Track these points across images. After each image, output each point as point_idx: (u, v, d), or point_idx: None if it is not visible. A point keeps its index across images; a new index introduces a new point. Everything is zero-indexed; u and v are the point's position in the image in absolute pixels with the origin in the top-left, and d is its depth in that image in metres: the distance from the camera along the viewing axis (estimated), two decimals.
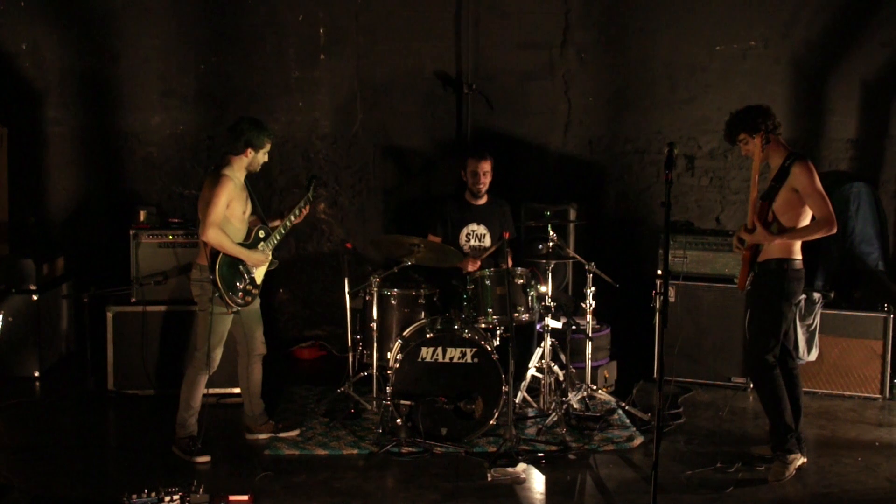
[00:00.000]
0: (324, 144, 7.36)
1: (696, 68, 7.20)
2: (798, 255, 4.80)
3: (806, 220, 4.75)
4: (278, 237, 5.20)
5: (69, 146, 7.25)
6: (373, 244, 6.43)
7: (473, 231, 6.27)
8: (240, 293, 5.00)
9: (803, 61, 7.12)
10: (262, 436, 5.32)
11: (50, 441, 5.32)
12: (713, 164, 7.25)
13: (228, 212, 4.93)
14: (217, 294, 4.90)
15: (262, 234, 5.14)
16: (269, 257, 5.19)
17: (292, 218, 5.26)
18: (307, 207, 5.35)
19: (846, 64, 7.09)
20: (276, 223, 5.27)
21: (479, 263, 6.04)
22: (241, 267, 5.02)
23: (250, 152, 5.01)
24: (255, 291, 5.11)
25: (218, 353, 5.09)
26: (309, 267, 7.43)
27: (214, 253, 4.88)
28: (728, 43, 7.15)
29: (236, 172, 5.01)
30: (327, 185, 7.27)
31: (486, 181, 6.19)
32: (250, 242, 5.07)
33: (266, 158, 5.12)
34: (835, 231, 4.69)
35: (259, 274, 5.15)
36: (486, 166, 6.17)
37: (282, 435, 5.32)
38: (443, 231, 6.23)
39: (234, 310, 5.01)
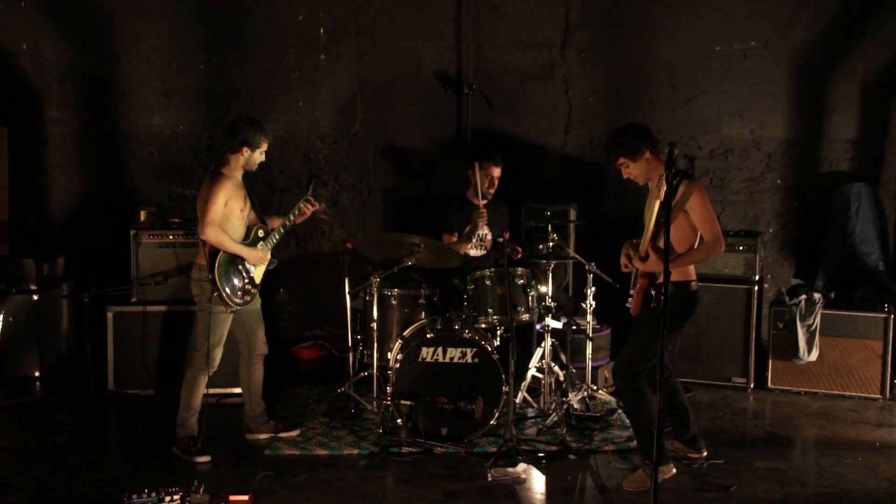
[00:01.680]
0: (324, 144, 7.36)
1: (697, 68, 7.19)
2: (693, 276, 4.66)
3: (689, 242, 4.58)
4: (277, 236, 5.21)
5: (69, 146, 7.24)
6: (373, 244, 6.43)
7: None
8: (238, 292, 5.02)
9: (803, 61, 7.12)
10: (263, 436, 5.32)
11: (50, 441, 5.32)
12: (713, 164, 7.25)
13: (227, 210, 4.96)
14: (216, 293, 4.90)
15: (261, 233, 5.15)
16: (269, 256, 5.20)
17: (291, 217, 5.25)
18: (308, 207, 5.32)
19: (846, 64, 7.08)
20: (277, 222, 5.27)
21: (485, 216, 6.07)
22: (240, 266, 5.04)
23: (246, 151, 5.02)
24: (253, 291, 5.12)
25: (218, 353, 5.10)
26: (309, 267, 7.43)
27: (213, 252, 4.90)
28: (728, 43, 7.14)
29: (234, 171, 5.04)
30: (327, 184, 7.26)
31: (496, 185, 6.25)
32: (250, 241, 5.09)
33: (263, 158, 5.13)
34: (722, 250, 4.55)
35: (258, 273, 5.16)
36: (499, 171, 6.23)
37: (282, 435, 5.32)
38: (457, 228, 6.23)
39: (234, 309, 5.02)
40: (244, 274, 5.06)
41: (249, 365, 5.32)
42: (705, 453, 4.98)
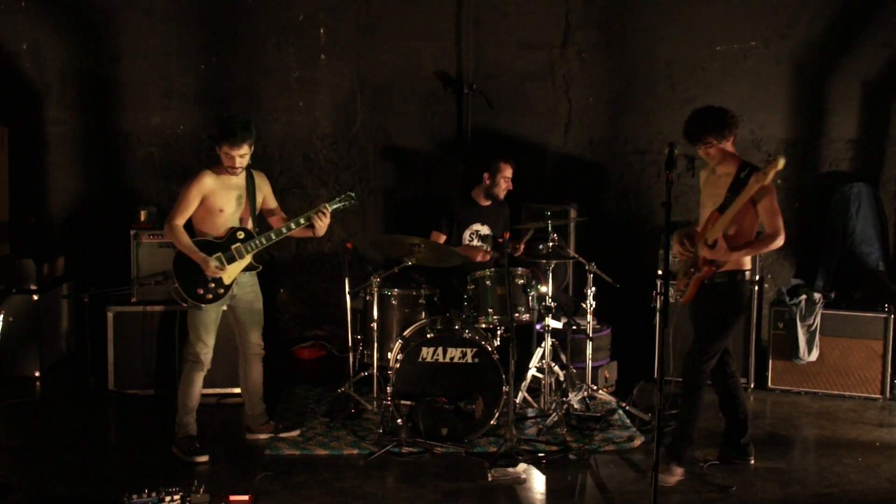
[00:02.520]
0: (324, 144, 7.36)
1: (697, 68, 7.19)
2: (748, 266, 4.72)
3: (750, 234, 4.63)
4: (264, 241, 5.02)
5: (69, 146, 7.24)
6: (373, 244, 6.43)
7: (477, 231, 6.28)
8: (200, 289, 4.93)
9: (804, 61, 7.12)
10: (263, 436, 5.32)
11: (50, 441, 5.32)
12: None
13: (204, 208, 4.93)
14: (175, 287, 4.90)
15: (241, 235, 5.01)
16: (242, 258, 5.00)
17: (292, 225, 5.05)
18: (321, 218, 5.03)
19: (847, 64, 7.08)
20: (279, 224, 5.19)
21: (490, 255, 6.05)
22: (198, 266, 4.93)
23: (224, 149, 4.90)
24: (220, 291, 4.98)
25: (203, 348, 5.04)
26: (309, 267, 7.43)
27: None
28: (729, 43, 7.14)
29: (223, 169, 4.97)
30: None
31: (511, 186, 6.28)
32: (223, 241, 4.97)
33: (237, 162, 4.91)
34: (782, 244, 4.58)
35: (228, 274, 4.98)
36: (511, 172, 6.25)
37: (282, 435, 5.32)
38: (448, 229, 6.23)
39: (200, 307, 4.95)
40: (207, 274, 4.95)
41: (245, 365, 5.30)
42: (753, 460, 4.95)
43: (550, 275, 5.79)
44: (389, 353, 5.58)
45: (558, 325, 5.80)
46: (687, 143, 4.74)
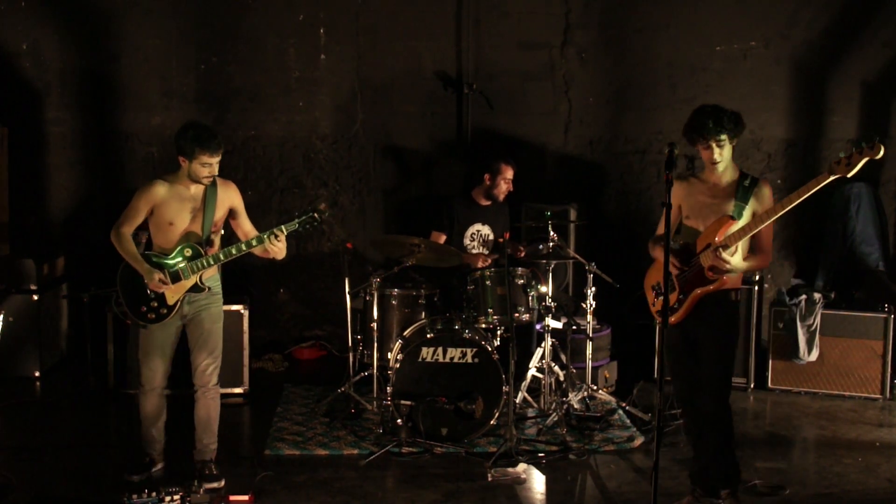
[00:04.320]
0: (324, 144, 7.36)
1: (697, 68, 7.19)
2: (739, 285, 4.33)
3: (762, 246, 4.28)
4: (211, 262, 4.55)
5: (69, 146, 7.24)
6: (373, 244, 6.43)
7: (478, 231, 6.28)
8: (142, 307, 4.57)
9: (804, 62, 7.12)
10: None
11: (50, 441, 5.31)
12: None
13: (154, 218, 4.59)
14: (119, 303, 4.61)
15: (188, 252, 4.56)
16: (187, 279, 4.56)
17: (243, 247, 4.53)
18: (274, 242, 4.48)
19: (846, 64, 7.08)
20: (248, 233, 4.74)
21: (489, 260, 6.05)
22: (143, 280, 4.57)
23: (183, 160, 4.51)
24: (163, 311, 4.57)
25: (148, 372, 4.66)
26: (309, 267, 7.43)
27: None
28: (728, 43, 7.14)
29: (178, 179, 4.56)
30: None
31: (512, 188, 6.27)
32: (169, 257, 4.57)
33: (206, 171, 4.49)
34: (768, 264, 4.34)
35: (171, 294, 4.57)
36: (512, 173, 6.23)
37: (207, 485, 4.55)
38: (448, 229, 6.23)
39: (144, 325, 4.60)
40: (149, 291, 4.57)
41: (195, 395, 4.72)
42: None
43: (550, 275, 5.79)
44: (389, 353, 5.58)
45: (558, 325, 5.80)
46: (698, 140, 4.16)
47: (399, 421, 5.16)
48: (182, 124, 4.60)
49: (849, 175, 3.93)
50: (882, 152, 3.86)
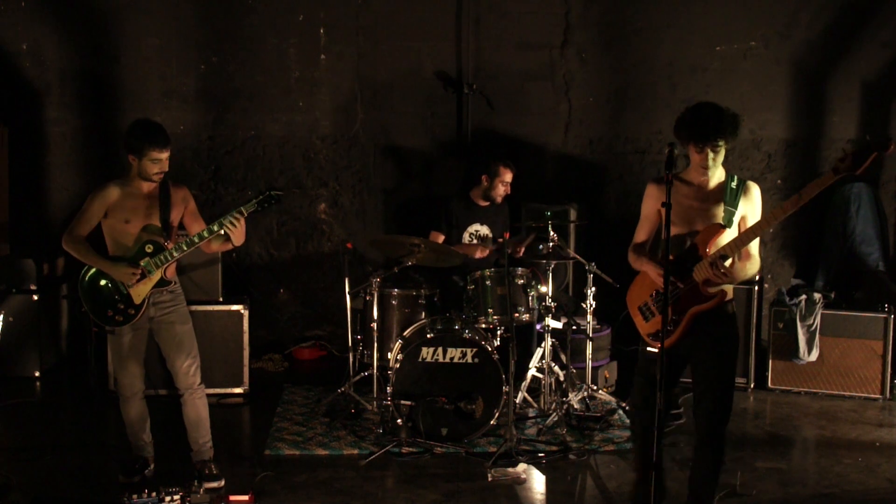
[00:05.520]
0: (324, 144, 7.36)
1: (697, 68, 7.20)
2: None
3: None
4: (175, 254, 4.50)
5: (69, 146, 7.24)
6: (373, 244, 6.43)
7: (477, 231, 6.28)
8: (109, 311, 4.50)
9: (804, 62, 7.12)
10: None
11: (50, 441, 5.32)
12: None
13: (108, 221, 4.53)
14: (83, 310, 4.51)
15: (149, 248, 4.50)
16: (151, 274, 4.51)
17: (205, 234, 4.48)
18: (233, 223, 4.42)
19: (846, 64, 7.09)
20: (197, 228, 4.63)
21: (487, 252, 6.05)
22: (110, 283, 4.52)
23: (133, 159, 4.45)
24: (131, 311, 4.51)
25: (126, 377, 4.65)
26: (309, 267, 7.43)
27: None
28: (729, 43, 7.15)
29: (130, 180, 4.50)
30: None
31: (510, 190, 6.27)
32: (132, 255, 4.51)
33: (156, 167, 4.43)
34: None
35: (138, 292, 4.52)
36: (511, 176, 6.22)
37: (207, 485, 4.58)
38: (447, 229, 6.23)
39: (111, 330, 4.56)
40: (115, 293, 4.51)
41: (181, 398, 4.71)
42: None
43: (550, 275, 5.79)
44: (389, 353, 5.58)
45: (558, 325, 5.80)
46: (693, 141, 3.81)
47: (399, 421, 5.16)
48: (129, 123, 4.53)
49: (857, 172, 3.68)
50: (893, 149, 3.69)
